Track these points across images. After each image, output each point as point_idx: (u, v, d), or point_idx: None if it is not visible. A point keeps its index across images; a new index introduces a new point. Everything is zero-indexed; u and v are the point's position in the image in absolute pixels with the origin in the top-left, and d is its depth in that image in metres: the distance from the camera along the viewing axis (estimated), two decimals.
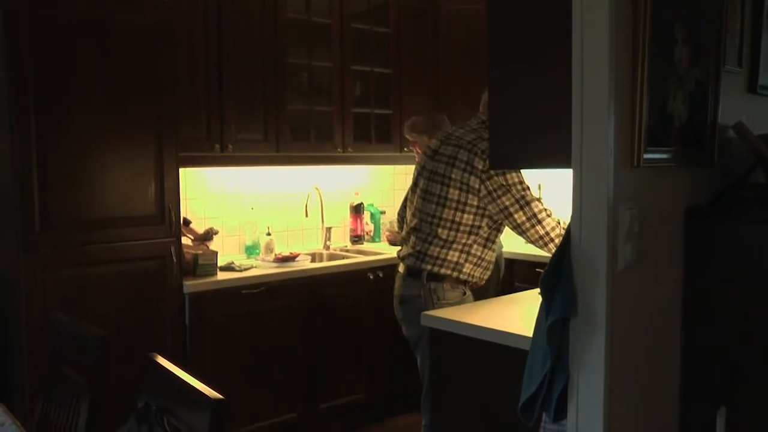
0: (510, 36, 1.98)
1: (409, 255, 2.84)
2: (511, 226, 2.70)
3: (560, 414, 1.72)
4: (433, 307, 2.72)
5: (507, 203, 2.65)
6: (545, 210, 2.68)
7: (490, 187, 2.65)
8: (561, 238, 2.56)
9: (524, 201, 2.64)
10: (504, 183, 2.64)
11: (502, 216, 2.68)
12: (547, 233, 2.66)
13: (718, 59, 1.92)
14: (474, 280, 2.83)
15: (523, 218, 2.65)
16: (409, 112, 4.38)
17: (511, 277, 3.81)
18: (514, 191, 2.64)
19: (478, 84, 2.95)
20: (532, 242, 2.72)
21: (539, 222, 2.65)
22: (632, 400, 1.74)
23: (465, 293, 2.80)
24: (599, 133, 1.62)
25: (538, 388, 1.71)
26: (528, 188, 2.67)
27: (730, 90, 2.01)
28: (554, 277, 1.69)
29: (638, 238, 1.68)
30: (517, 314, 2.49)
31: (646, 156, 1.69)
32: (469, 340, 2.29)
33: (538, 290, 1.90)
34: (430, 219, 2.77)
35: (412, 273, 2.83)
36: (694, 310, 1.86)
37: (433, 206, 2.76)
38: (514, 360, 1.97)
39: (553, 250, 2.58)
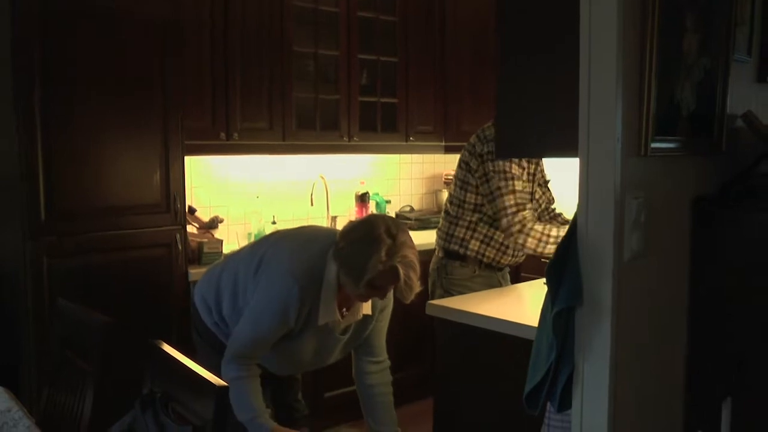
0: (519, 24, 1.96)
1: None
2: (491, 211, 2.77)
3: (565, 404, 1.72)
4: (441, 281, 2.88)
5: (492, 188, 2.72)
6: (520, 206, 2.68)
7: (482, 171, 2.75)
8: (537, 241, 2.66)
9: (498, 192, 2.69)
10: (491, 169, 2.72)
11: (487, 200, 2.76)
12: (510, 227, 2.68)
13: (728, 48, 1.91)
14: (487, 260, 2.85)
15: (497, 207, 2.71)
16: (415, 101, 4.38)
17: (517, 267, 3.80)
18: (496, 179, 2.70)
19: (484, 72, 2.95)
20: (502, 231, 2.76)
21: (506, 215, 2.68)
22: (637, 390, 1.74)
23: (475, 272, 2.84)
24: (606, 122, 1.61)
25: (543, 377, 1.71)
26: (512, 179, 2.69)
27: (740, 79, 1.99)
28: (560, 266, 1.68)
29: (645, 227, 1.67)
30: (523, 304, 2.48)
31: (654, 145, 1.67)
32: (475, 329, 2.29)
33: (543, 280, 1.90)
34: (449, 198, 2.94)
35: (437, 248, 3.00)
36: (701, 299, 1.85)
37: (451, 186, 2.95)
38: (519, 350, 1.97)
39: (519, 244, 2.69)
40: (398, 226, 2.17)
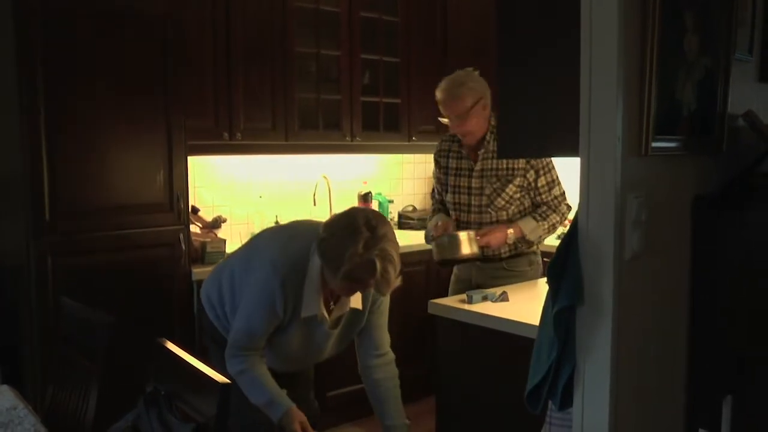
0: (519, 23, 1.97)
1: None
2: None
3: (566, 402, 1.72)
4: None
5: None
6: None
7: None
8: None
9: None
10: None
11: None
12: None
13: (729, 48, 1.91)
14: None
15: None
16: (417, 100, 4.38)
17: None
18: None
19: (486, 72, 2.94)
20: None
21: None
22: (638, 389, 1.74)
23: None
24: (607, 121, 1.61)
25: (545, 376, 1.71)
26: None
27: (741, 78, 1.99)
28: (561, 265, 1.69)
29: (645, 226, 1.68)
30: (524, 303, 2.49)
31: (655, 144, 1.67)
32: (475, 328, 2.30)
33: (545, 279, 1.90)
34: None
35: None
36: (701, 298, 1.85)
37: None
38: (520, 348, 1.98)
39: None
40: (379, 219, 2.17)
